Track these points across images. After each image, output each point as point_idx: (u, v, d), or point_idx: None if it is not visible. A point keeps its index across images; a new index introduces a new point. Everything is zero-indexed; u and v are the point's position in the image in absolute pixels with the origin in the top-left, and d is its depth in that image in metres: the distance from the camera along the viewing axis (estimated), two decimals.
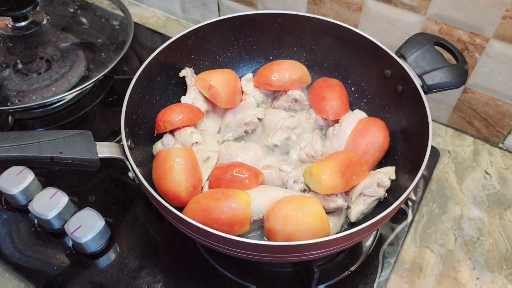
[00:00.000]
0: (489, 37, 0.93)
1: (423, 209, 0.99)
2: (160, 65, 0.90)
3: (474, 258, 0.92)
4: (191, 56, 0.97)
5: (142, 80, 0.85)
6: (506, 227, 0.96)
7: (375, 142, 0.86)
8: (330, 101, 0.93)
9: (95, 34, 1.24)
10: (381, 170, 0.84)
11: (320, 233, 0.72)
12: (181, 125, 0.85)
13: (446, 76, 0.85)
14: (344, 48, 0.97)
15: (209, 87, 0.91)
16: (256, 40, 1.01)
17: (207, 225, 0.72)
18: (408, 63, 0.87)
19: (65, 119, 1.15)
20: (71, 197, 0.96)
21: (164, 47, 0.88)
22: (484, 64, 0.97)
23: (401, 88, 0.88)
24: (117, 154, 0.71)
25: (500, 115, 1.04)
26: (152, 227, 0.94)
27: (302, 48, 1.01)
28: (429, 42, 0.89)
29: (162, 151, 0.81)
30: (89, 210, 0.89)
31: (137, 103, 0.84)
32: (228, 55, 1.01)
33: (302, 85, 0.96)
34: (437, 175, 1.04)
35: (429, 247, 0.93)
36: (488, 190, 1.02)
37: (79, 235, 0.85)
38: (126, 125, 0.77)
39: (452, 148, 1.10)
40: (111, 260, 0.89)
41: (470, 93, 1.04)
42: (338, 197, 0.78)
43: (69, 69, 1.16)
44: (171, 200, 0.79)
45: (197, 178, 0.80)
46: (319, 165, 0.78)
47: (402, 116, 0.89)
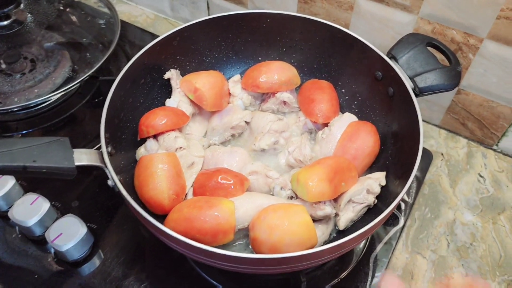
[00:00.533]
0: (483, 38, 0.91)
1: (415, 214, 0.96)
2: (144, 67, 0.87)
3: (467, 264, 0.90)
4: (176, 57, 0.94)
5: (124, 83, 0.82)
6: (499, 232, 0.94)
7: (365, 146, 0.83)
8: (320, 104, 0.90)
9: (81, 33, 1.21)
10: (371, 175, 0.82)
11: (307, 243, 0.70)
12: (164, 130, 0.83)
13: (438, 78, 0.82)
14: (334, 49, 0.94)
15: (194, 89, 0.88)
16: (244, 40, 0.98)
17: (189, 234, 0.70)
18: (400, 64, 0.84)
19: (50, 121, 1.12)
20: (54, 203, 0.94)
21: (148, 48, 0.85)
22: (478, 65, 0.95)
23: (392, 91, 0.85)
24: (96, 162, 0.69)
25: (494, 117, 1.01)
26: (137, 233, 0.91)
27: (292, 48, 0.98)
28: (421, 42, 0.86)
29: (144, 157, 0.78)
30: (70, 216, 0.86)
31: (119, 107, 0.82)
32: (215, 56, 0.99)
33: (291, 87, 0.94)
34: (429, 178, 1.02)
35: (421, 253, 0.91)
36: (481, 194, 1.00)
37: (60, 243, 0.83)
38: (106, 130, 0.74)
39: (446, 151, 1.07)
40: (94, 268, 0.87)
41: (464, 95, 1.02)
42: (326, 204, 0.76)
43: (54, 69, 1.13)
44: (154, 208, 0.76)
45: (180, 185, 0.77)
46: (306, 171, 0.76)
47: (393, 119, 0.87)
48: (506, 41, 0.88)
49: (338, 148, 0.84)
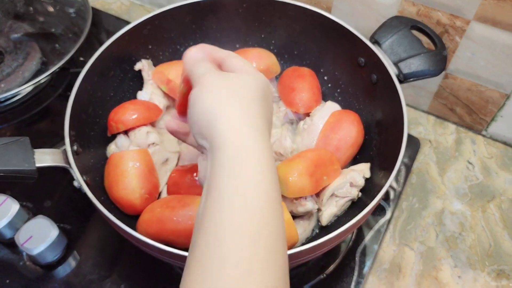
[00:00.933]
0: (470, 19, 0.86)
1: (403, 204, 0.93)
2: (112, 59, 0.82)
3: (456, 255, 0.87)
4: (148, 47, 0.89)
5: (91, 76, 0.77)
6: (489, 221, 0.91)
7: (348, 137, 0.79)
8: (300, 92, 0.86)
9: (51, 22, 1.15)
10: (354, 167, 0.78)
11: (287, 242, 0.66)
12: (135, 125, 0.78)
13: (423, 63, 0.78)
14: (315, 34, 0.90)
15: (167, 81, 0.83)
16: (220, 27, 0.93)
17: (162, 236, 0.66)
18: (383, 49, 0.80)
19: (21, 116, 1.07)
20: (25, 203, 0.89)
21: (116, 38, 0.80)
22: (465, 48, 0.91)
23: (375, 78, 0.81)
24: (59, 162, 0.64)
25: (483, 102, 0.98)
26: (113, 233, 0.86)
27: (271, 34, 0.93)
28: (405, 26, 0.82)
29: (113, 155, 0.74)
30: (41, 218, 0.82)
31: (86, 102, 0.77)
32: (190, 44, 0.93)
33: (270, 75, 0.89)
34: (417, 167, 0.99)
35: (408, 245, 0.88)
36: (471, 181, 0.97)
37: (30, 246, 0.79)
38: (72, 127, 0.70)
39: (434, 137, 1.04)
40: (69, 271, 0.83)
41: (451, 79, 0.98)
42: (307, 200, 0.72)
43: (23, 62, 1.07)
44: (125, 209, 0.72)
45: (153, 183, 0.73)
46: (286, 165, 0.72)
47: (377, 107, 0.83)
48: (494, 22, 0.84)
49: (320, 139, 0.81)
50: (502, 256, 0.87)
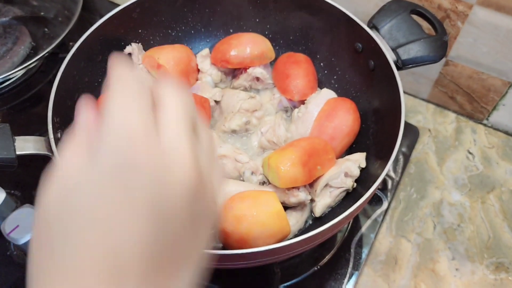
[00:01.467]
0: (473, 4, 0.83)
1: (400, 195, 0.91)
2: (100, 43, 0.79)
3: (454, 247, 0.85)
4: (138, 31, 0.86)
5: (77, 61, 0.74)
6: (488, 212, 0.89)
7: (344, 126, 0.77)
8: (295, 79, 0.83)
9: (41, 6, 1.12)
10: (350, 157, 0.75)
11: (278, 234, 0.64)
12: None
13: (423, 49, 0.75)
14: (311, 19, 0.86)
15: (157, 66, 0.80)
16: (213, 10, 0.89)
17: None
18: (381, 35, 0.77)
19: (12, 102, 1.05)
20: (13, 191, 0.87)
21: (103, 22, 0.77)
22: (467, 33, 0.88)
23: (373, 64, 0.78)
24: (42, 150, 0.62)
25: (485, 90, 0.95)
26: None
27: (265, 19, 0.90)
28: (405, 10, 0.79)
29: None
30: (28, 207, 0.80)
31: (72, 88, 0.74)
32: (182, 28, 0.90)
33: (265, 61, 0.86)
34: (416, 156, 0.96)
35: (405, 236, 0.86)
36: (470, 171, 0.94)
37: (16, 236, 0.76)
38: (56, 114, 0.67)
39: (433, 126, 1.01)
40: None
41: (452, 66, 0.95)
42: (300, 190, 0.69)
43: (12, 47, 1.04)
44: None
45: None
46: (278, 154, 0.69)
47: (374, 95, 0.80)
48: (497, 7, 0.81)
49: (315, 128, 0.78)
50: (501, 248, 0.85)
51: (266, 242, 0.63)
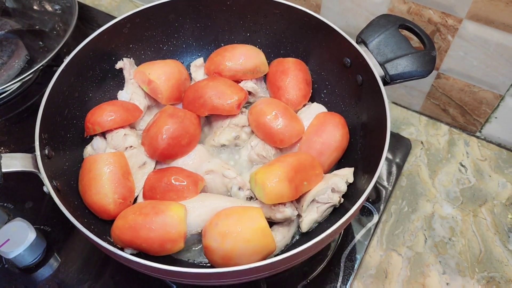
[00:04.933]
0: (462, 18, 0.83)
1: (391, 208, 0.91)
2: (91, 58, 0.80)
3: (445, 261, 0.85)
4: (129, 46, 0.86)
5: (67, 76, 0.75)
6: (480, 226, 0.89)
7: (332, 141, 0.77)
8: (285, 91, 0.83)
9: (37, 19, 1.13)
10: (337, 172, 0.75)
11: (263, 250, 0.64)
12: (112, 127, 0.76)
13: (410, 64, 0.75)
14: (301, 33, 0.87)
15: (148, 81, 0.81)
16: (204, 25, 0.90)
17: (136, 244, 0.64)
18: (370, 49, 0.77)
19: (7, 114, 1.06)
20: (5, 204, 0.88)
21: (93, 37, 0.78)
22: (457, 47, 0.88)
23: (361, 79, 0.78)
24: (28, 167, 0.63)
25: (477, 102, 0.95)
26: None
27: (256, 33, 0.91)
28: (393, 25, 0.79)
29: (87, 158, 0.72)
30: (19, 221, 0.80)
31: (62, 103, 0.75)
32: (173, 43, 0.91)
33: (257, 75, 0.86)
34: (408, 169, 0.96)
35: (396, 250, 0.86)
36: (463, 184, 0.94)
37: (6, 249, 0.77)
38: (43, 130, 0.68)
39: (426, 138, 1.01)
40: (47, 275, 0.82)
41: (444, 79, 0.95)
42: (286, 206, 0.70)
43: (8, 60, 1.05)
44: (99, 214, 0.70)
45: (127, 187, 0.71)
46: (265, 170, 0.70)
47: (362, 109, 0.80)
48: (487, 21, 0.81)
49: (303, 143, 0.78)
50: (493, 262, 0.84)
51: (251, 259, 0.63)
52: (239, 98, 0.79)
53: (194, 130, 0.77)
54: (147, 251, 0.65)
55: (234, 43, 0.91)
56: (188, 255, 0.73)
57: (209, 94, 0.79)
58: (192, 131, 0.76)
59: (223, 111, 0.78)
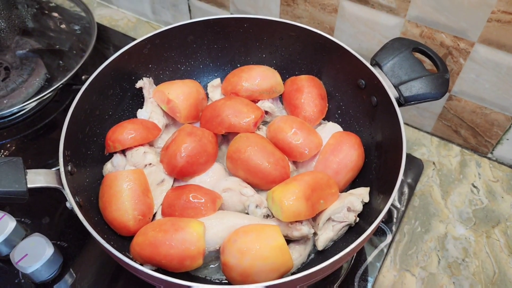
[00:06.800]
0: (474, 41, 0.85)
1: (404, 228, 0.91)
2: (112, 77, 0.82)
3: (459, 282, 0.85)
4: (148, 66, 0.89)
5: (89, 94, 0.77)
6: (493, 247, 0.89)
7: (348, 161, 0.78)
8: (302, 109, 0.85)
9: (56, 39, 1.16)
10: (353, 191, 0.76)
11: (281, 268, 0.65)
12: (133, 145, 0.78)
13: (424, 86, 0.77)
14: (316, 55, 0.89)
15: (167, 100, 0.83)
16: (221, 46, 0.92)
17: (155, 260, 0.65)
18: (384, 72, 0.79)
19: (26, 130, 1.08)
20: (23, 219, 0.89)
21: (115, 57, 0.80)
22: (469, 70, 0.89)
23: (375, 100, 0.80)
24: (52, 183, 0.64)
25: (488, 124, 0.96)
26: None
27: (272, 54, 0.93)
28: (407, 48, 0.81)
29: (108, 175, 0.73)
30: (37, 236, 0.81)
31: (83, 121, 0.77)
32: (191, 63, 0.93)
33: (273, 95, 0.88)
34: (420, 189, 0.97)
35: (409, 270, 0.86)
36: (475, 205, 0.95)
37: (25, 264, 0.78)
38: (67, 147, 0.69)
39: (438, 159, 1.02)
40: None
41: (455, 101, 0.96)
42: (303, 224, 0.70)
43: (27, 78, 1.08)
44: (119, 230, 0.71)
45: (147, 204, 0.72)
46: (282, 189, 0.71)
47: (377, 130, 0.81)
48: (498, 45, 0.83)
49: (320, 162, 0.79)
50: (507, 284, 0.84)
51: (268, 276, 0.64)
52: (255, 116, 0.80)
53: (212, 148, 0.78)
54: (166, 268, 0.65)
55: (250, 64, 0.94)
56: (205, 272, 0.73)
57: (227, 112, 0.80)
58: (210, 149, 0.78)
59: (240, 129, 0.80)
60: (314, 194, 0.70)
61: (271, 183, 0.75)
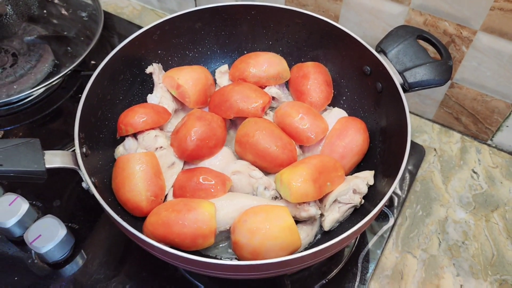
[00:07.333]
0: (477, 30, 0.87)
1: (406, 212, 0.94)
2: (122, 63, 0.84)
3: (458, 264, 0.87)
4: (157, 52, 0.90)
5: (101, 80, 0.79)
6: (492, 230, 0.92)
7: (354, 145, 0.80)
8: (308, 95, 0.87)
9: (63, 26, 1.17)
10: (358, 174, 0.79)
11: (290, 247, 0.67)
12: (144, 128, 0.80)
13: (428, 73, 0.79)
14: (322, 42, 0.91)
15: (177, 86, 0.85)
16: (229, 33, 0.94)
17: (168, 239, 0.67)
18: (389, 58, 0.81)
19: (33, 117, 1.09)
20: (34, 202, 0.91)
21: (126, 43, 0.82)
22: (471, 58, 0.92)
23: (380, 86, 0.82)
24: (68, 164, 0.66)
25: (489, 111, 0.98)
26: (120, 234, 0.88)
27: (278, 41, 0.95)
28: (411, 35, 0.83)
29: (121, 157, 0.75)
30: (50, 217, 0.84)
31: (96, 105, 0.79)
32: (199, 49, 0.95)
33: (280, 81, 0.90)
34: (422, 175, 0.99)
35: (411, 252, 0.89)
36: (475, 190, 0.97)
37: (38, 245, 0.80)
38: (81, 130, 0.71)
39: (439, 146, 1.04)
40: (76, 269, 0.85)
41: (457, 88, 0.99)
42: (310, 205, 0.73)
43: (36, 64, 1.10)
44: (132, 211, 0.73)
45: (159, 186, 0.74)
46: (290, 171, 0.73)
47: (382, 115, 0.84)
48: (500, 33, 0.85)
49: (326, 146, 0.81)
50: (505, 266, 0.87)
51: (278, 254, 0.66)
52: (263, 101, 0.82)
53: (221, 132, 0.81)
54: (179, 246, 0.68)
55: (257, 50, 0.96)
56: (215, 251, 0.76)
57: (235, 98, 0.82)
58: (219, 133, 0.80)
59: (248, 114, 0.82)
60: (321, 176, 0.73)
61: (279, 167, 0.77)
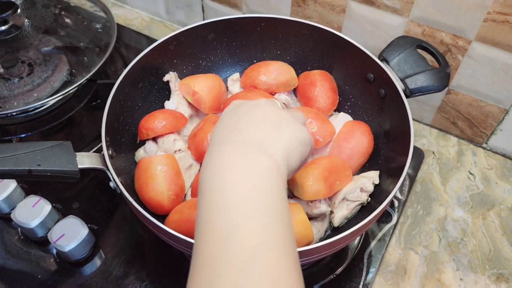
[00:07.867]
0: (471, 40, 0.93)
1: (408, 211, 0.99)
2: (141, 71, 0.89)
3: (458, 259, 0.93)
4: (173, 61, 0.96)
5: (123, 87, 0.84)
6: (489, 228, 0.97)
7: (360, 147, 0.86)
8: (315, 101, 0.93)
9: (78, 37, 1.22)
10: (365, 174, 0.84)
11: (304, 241, 0.72)
12: (164, 132, 0.85)
13: (428, 80, 0.85)
14: (327, 52, 0.97)
15: (193, 93, 0.90)
16: (240, 44, 1.00)
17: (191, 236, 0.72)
18: (391, 66, 0.87)
19: (48, 124, 1.14)
20: (55, 204, 0.95)
21: (146, 53, 0.87)
22: (466, 66, 0.98)
23: (383, 92, 0.88)
24: (97, 165, 0.71)
25: (484, 116, 1.04)
26: (136, 233, 0.93)
27: (286, 51, 1.00)
28: (411, 45, 0.89)
29: (143, 159, 0.80)
30: (72, 218, 0.88)
31: (118, 111, 0.84)
32: (211, 59, 1.01)
33: (288, 88, 0.96)
34: (421, 176, 1.05)
35: (413, 249, 0.94)
36: (472, 190, 1.03)
37: (62, 243, 0.85)
38: (107, 134, 0.76)
39: (437, 149, 1.10)
40: (95, 268, 0.89)
41: (453, 94, 1.05)
42: (321, 203, 0.78)
43: (52, 73, 1.14)
44: (154, 209, 0.78)
45: (179, 185, 0.79)
46: (302, 171, 0.78)
47: (385, 119, 0.89)
48: (493, 43, 0.91)
49: (334, 148, 0.87)
50: (501, 260, 0.92)
51: None
52: None
53: None
54: None
55: (266, 59, 1.01)
56: None
57: None
58: None
59: None
60: (331, 175, 0.78)
61: None
